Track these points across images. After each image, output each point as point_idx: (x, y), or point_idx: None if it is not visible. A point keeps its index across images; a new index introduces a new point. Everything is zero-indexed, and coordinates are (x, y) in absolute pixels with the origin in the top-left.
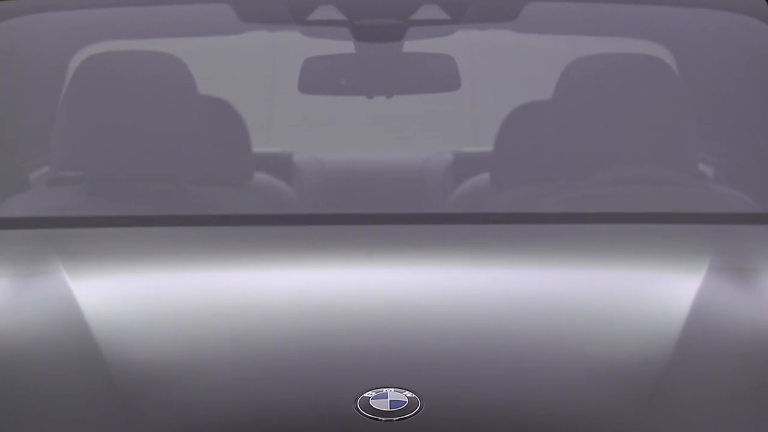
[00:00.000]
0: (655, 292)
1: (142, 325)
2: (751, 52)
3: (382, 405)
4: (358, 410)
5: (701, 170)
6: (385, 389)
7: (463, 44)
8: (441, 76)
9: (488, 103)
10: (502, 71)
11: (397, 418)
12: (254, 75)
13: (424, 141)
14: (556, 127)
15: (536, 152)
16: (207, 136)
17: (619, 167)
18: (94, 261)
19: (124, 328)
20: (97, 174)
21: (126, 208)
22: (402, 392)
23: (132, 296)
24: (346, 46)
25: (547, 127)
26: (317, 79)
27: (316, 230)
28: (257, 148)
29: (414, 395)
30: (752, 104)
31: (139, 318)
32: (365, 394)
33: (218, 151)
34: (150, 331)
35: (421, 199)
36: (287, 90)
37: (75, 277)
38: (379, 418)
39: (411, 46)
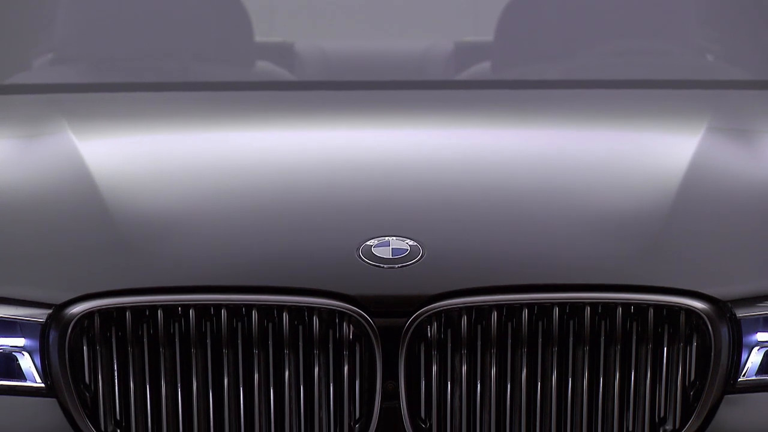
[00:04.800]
0: (654, 149)
1: (147, 180)
2: None
3: (384, 253)
4: (360, 257)
5: (701, 46)
6: (387, 237)
7: None
8: None
9: None
10: None
11: (399, 265)
12: None
13: (425, 30)
14: (556, 13)
15: (537, 39)
16: (211, 24)
17: (619, 41)
18: (99, 122)
19: (130, 183)
20: (101, 54)
21: (129, 79)
22: (404, 240)
23: (136, 153)
24: None
25: (548, 14)
26: None
27: (319, 95)
28: (260, 38)
29: (416, 243)
30: None
31: (144, 173)
32: (367, 243)
33: (221, 39)
34: (156, 185)
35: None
36: None
37: (80, 136)
38: (381, 265)
39: None
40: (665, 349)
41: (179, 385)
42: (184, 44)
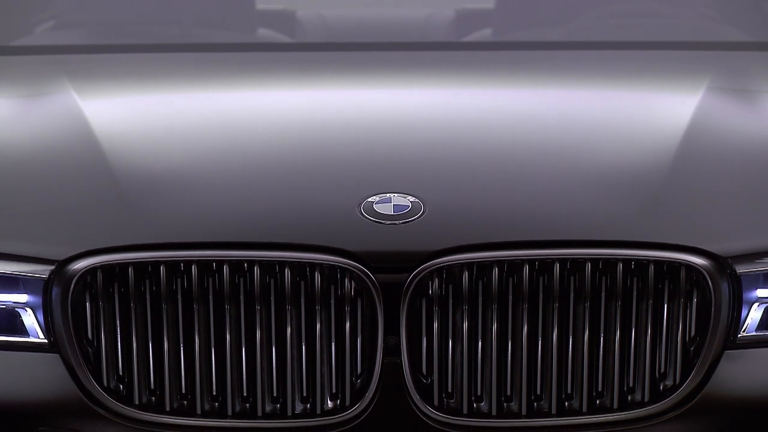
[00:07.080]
0: (655, 107)
1: (150, 137)
2: None
3: (386, 209)
4: (362, 214)
5: (702, 13)
6: (388, 194)
7: None
8: None
9: None
10: None
11: (401, 221)
12: None
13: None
14: None
15: (537, 5)
16: None
17: (619, 4)
18: (101, 81)
19: (132, 140)
20: (101, 22)
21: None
22: (405, 197)
23: (138, 112)
24: None
25: None
26: None
27: (321, 56)
28: (261, 5)
29: (417, 200)
30: None
31: (146, 131)
32: (369, 199)
33: (222, 6)
34: (158, 142)
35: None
36: None
37: (83, 95)
38: (383, 221)
39: None
40: (665, 305)
41: (181, 340)
42: (185, 11)
